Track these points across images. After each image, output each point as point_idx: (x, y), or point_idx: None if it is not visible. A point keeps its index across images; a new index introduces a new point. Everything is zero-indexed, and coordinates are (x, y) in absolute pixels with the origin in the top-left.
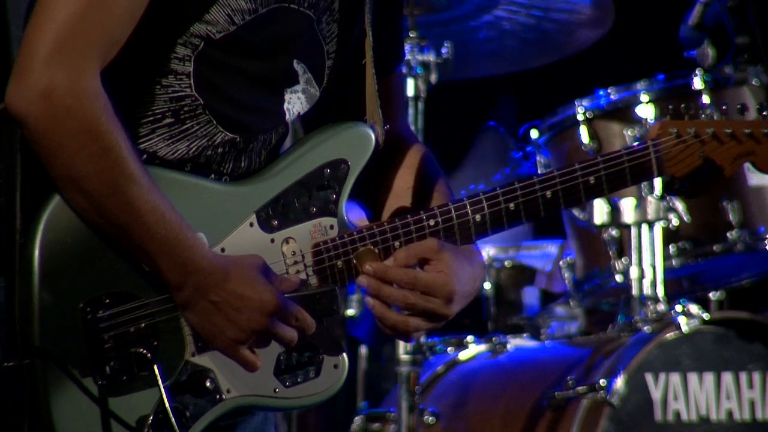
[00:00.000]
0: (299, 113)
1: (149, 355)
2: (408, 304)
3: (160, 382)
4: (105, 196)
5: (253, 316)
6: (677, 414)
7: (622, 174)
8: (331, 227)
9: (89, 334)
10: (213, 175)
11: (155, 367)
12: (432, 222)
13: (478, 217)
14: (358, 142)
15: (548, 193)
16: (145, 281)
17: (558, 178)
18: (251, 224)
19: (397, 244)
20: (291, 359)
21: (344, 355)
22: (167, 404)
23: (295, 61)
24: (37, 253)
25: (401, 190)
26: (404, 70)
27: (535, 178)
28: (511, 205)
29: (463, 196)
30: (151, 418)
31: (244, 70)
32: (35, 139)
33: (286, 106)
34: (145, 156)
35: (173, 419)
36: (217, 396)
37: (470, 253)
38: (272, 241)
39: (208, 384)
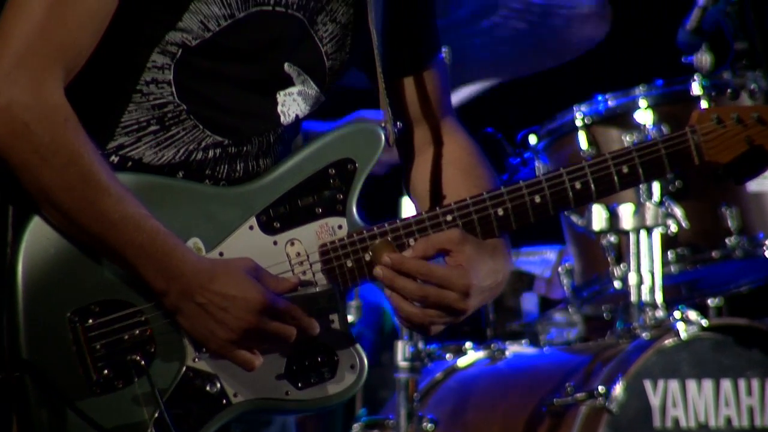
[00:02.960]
0: (297, 115)
1: (143, 362)
2: (422, 297)
3: (154, 388)
4: (75, 208)
5: (240, 315)
6: (676, 421)
7: (659, 161)
8: (340, 227)
9: (78, 343)
10: (207, 181)
11: (148, 372)
12: (449, 218)
13: (500, 211)
14: (365, 141)
15: (577, 184)
16: (138, 289)
17: (588, 167)
18: (251, 227)
19: (411, 241)
20: (303, 361)
21: (362, 356)
22: (163, 409)
23: (286, 63)
24: (20, 265)
25: (446, 185)
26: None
27: (563, 169)
28: (537, 197)
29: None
30: (151, 425)
31: (227, 75)
32: (0, 155)
33: (280, 108)
34: (130, 163)
35: (171, 425)
36: (224, 401)
37: (495, 247)
38: (275, 243)
39: (211, 389)
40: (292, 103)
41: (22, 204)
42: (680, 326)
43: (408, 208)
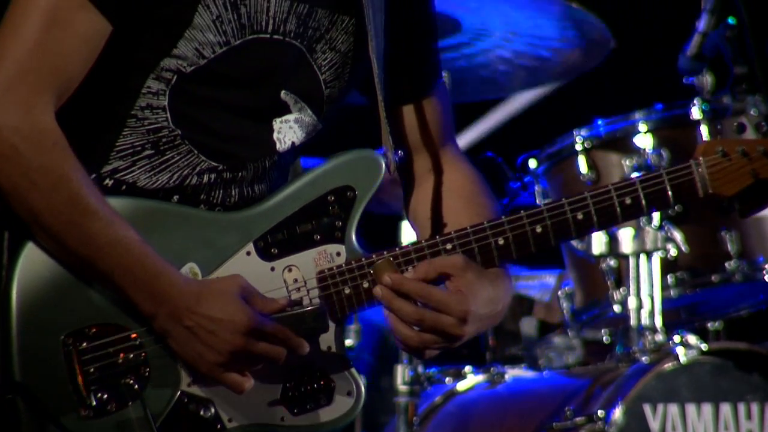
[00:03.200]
0: (293, 143)
1: (137, 386)
2: (418, 319)
3: (147, 413)
4: (63, 231)
5: (228, 337)
6: None
7: (663, 194)
8: (338, 254)
9: (71, 366)
10: (203, 206)
11: (142, 397)
12: (449, 246)
13: (500, 240)
14: (365, 168)
15: (579, 215)
16: (131, 312)
17: (590, 198)
18: (248, 253)
19: (410, 269)
20: (299, 386)
21: (359, 381)
22: None
23: (283, 91)
24: (15, 289)
25: (448, 213)
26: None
27: (565, 199)
28: (538, 227)
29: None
30: None
31: (222, 102)
32: None
33: (275, 135)
34: (124, 187)
35: None
36: (218, 426)
37: (496, 275)
38: (272, 269)
39: (205, 414)
40: (288, 131)
41: (16, 229)
42: (680, 350)
43: (408, 234)
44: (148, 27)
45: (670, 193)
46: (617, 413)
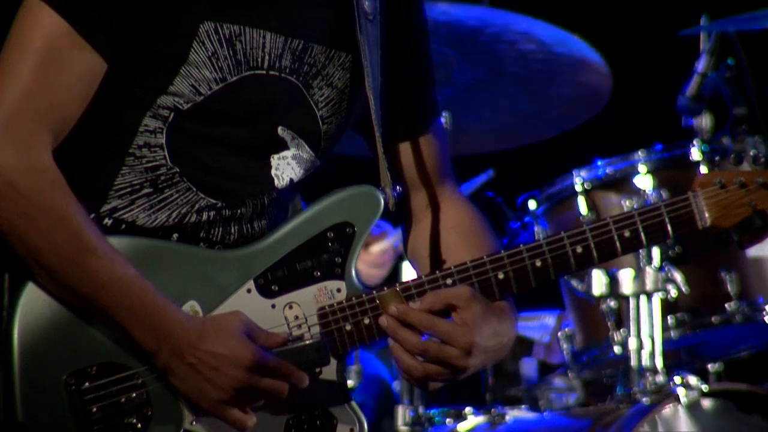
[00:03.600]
0: (292, 179)
1: (139, 425)
2: (423, 350)
3: None
4: (64, 269)
5: (232, 374)
6: None
7: (661, 226)
8: (338, 290)
9: (74, 406)
10: (202, 243)
11: None
12: (449, 281)
13: (500, 275)
14: (364, 204)
15: (579, 249)
16: (133, 351)
17: (589, 231)
18: (249, 290)
19: (416, 300)
20: (301, 424)
21: (362, 418)
22: None
23: (280, 127)
24: (16, 329)
25: (448, 249)
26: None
27: (564, 233)
28: (538, 261)
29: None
30: None
31: (219, 138)
32: None
33: (273, 172)
34: (124, 226)
35: None
36: None
37: (502, 309)
38: (273, 306)
39: None
40: (286, 167)
41: (17, 270)
42: (680, 391)
43: (408, 274)
44: (143, 64)
45: (669, 225)
46: None
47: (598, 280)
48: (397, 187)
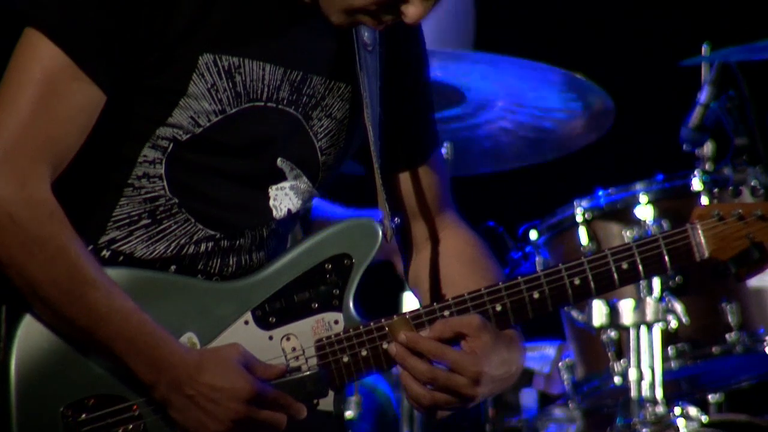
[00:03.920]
0: (290, 210)
1: None
2: (431, 378)
3: None
4: (63, 302)
5: (231, 406)
6: None
7: (659, 258)
8: (336, 322)
9: None
10: (200, 275)
11: None
12: (446, 313)
13: (498, 306)
14: (362, 236)
15: (576, 280)
16: (130, 383)
17: (587, 264)
18: (246, 322)
19: (426, 328)
20: None
21: None
22: None
23: (279, 158)
24: (13, 360)
25: (450, 278)
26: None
27: (562, 265)
28: (535, 293)
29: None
30: None
31: (219, 169)
32: None
33: (272, 202)
34: (122, 258)
35: None
36: None
37: (511, 338)
38: (270, 338)
39: None
40: (284, 198)
41: (14, 302)
42: (681, 422)
43: (409, 304)
44: (142, 96)
45: (666, 257)
46: None
47: (599, 311)
48: (396, 219)
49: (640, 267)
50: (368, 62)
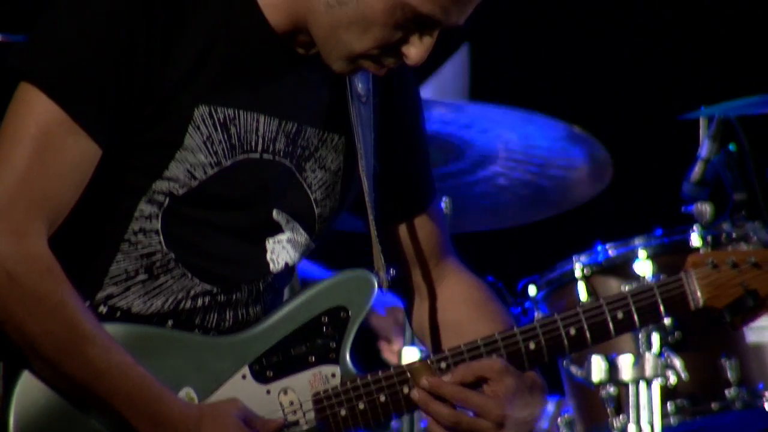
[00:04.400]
0: (287, 263)
1: None
2: (455, 423)
3: None
4: (61, 357)
5: None
6: None
7: (654, 307)
8: (333, 375)
9: None
10: (197, 330)
11: None
12: (443, 365)
13: (494, 357)
14: (357, 288)
15: (572, 330)
16: None
17: (583, 313)
18: (244, 376)
19: (405, 389)
20: None
21: None
22: None
23: (275, 210)
24: (12, 419)
25: (458, 324)
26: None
27: (557, 315)
28: (531, 343)
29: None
30: None
31: (215, 223)
32: None
33: (269, 256)
34: (119, 314)
35: None
36: None
37: (533, 381)
38: (268, 392)
39: None
40: (281, 251)
41: (12, 359)
42: None
43: (409, 358)
44: (138, 149)
45: (661, 306)
46: None
47: (598, 366)
48: (391, 270)
49: (636, 316)
50: (362, 113)
